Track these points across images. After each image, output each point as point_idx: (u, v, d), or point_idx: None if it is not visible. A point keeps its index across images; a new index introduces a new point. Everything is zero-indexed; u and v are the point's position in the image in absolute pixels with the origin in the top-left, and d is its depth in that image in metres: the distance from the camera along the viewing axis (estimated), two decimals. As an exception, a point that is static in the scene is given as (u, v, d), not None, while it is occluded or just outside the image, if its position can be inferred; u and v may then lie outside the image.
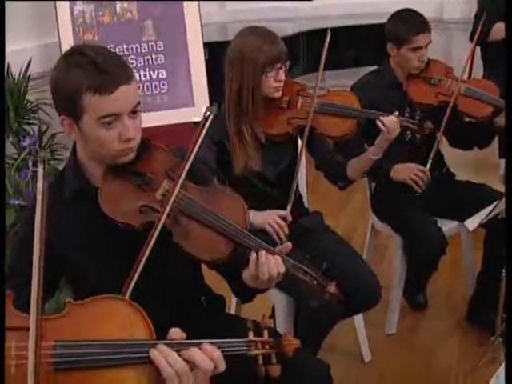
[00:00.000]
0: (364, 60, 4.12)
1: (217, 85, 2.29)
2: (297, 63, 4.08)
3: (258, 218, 2.05)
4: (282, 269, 1.44)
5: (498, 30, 3.35)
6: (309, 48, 4.23)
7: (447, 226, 2.54)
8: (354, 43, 4.31)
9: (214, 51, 3.41)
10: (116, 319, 1.20)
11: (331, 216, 2.61)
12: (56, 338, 1.13)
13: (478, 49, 3.69)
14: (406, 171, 2.43)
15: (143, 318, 1.20)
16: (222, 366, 1.18)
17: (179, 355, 1.16)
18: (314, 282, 1.49)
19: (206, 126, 1.46)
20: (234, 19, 4.83)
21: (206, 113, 1.47)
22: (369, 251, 2.89)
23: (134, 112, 1.41)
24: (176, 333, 1.21)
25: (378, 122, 2.11)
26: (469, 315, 2.71)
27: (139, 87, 3.09)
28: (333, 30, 4.29)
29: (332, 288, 1.50)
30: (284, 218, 2.07)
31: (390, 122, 2.11)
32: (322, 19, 4.63)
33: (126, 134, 1.39)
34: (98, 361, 1.13)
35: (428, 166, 2.42)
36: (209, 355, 1.16)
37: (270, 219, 2.05)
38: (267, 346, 1.24)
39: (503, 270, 2.22)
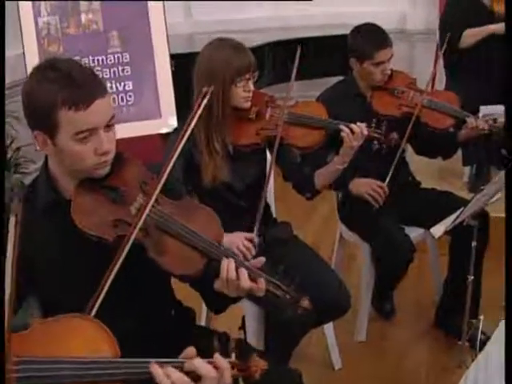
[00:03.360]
0: (331, 70, 4.17)
1: (184, 96, 2.29)
2: (264, 74, 4.10)
3: (225, 240, 2.04)
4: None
5: (469, 35, 3.43)
6: (276, 59, 4.27)
7: (414, 233, 2.58)
8: (320, 54, 4.36)
9: (181, 62, 3.41)
10: (80, 337, 1.20)
11: (299, 226, 2.63)
12: (20, 354, 1.12)
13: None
14: (364, 186, 2.46)
15: (107, 335, 1.20)
16: None
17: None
18: (287, 297, 1.49)
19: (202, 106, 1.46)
20: (200, 30, 4.85)
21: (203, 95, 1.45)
22: (337, 260, 2.92)
23: (108, 125, 1.40)
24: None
25: (342, 132, 2.14)
26: (436, 321, 2.75)
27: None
28: (300, 40, 4.42)
29: (305, 302, 1.50)
30: (251, 240, 2.08)
31: (354, 131, 2.14)
32: (289, 30, 4.68)
33: (102, 148, 1.38)
34: (61, 377, 1.13)
35: (388, 179, 2.46)
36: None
37: (238, 242, 2.05)
38: (234, 369, 1.23)
39: (468, 276, 2.27)
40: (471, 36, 3.42)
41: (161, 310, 1.62)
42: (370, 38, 2.48)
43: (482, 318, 1.87)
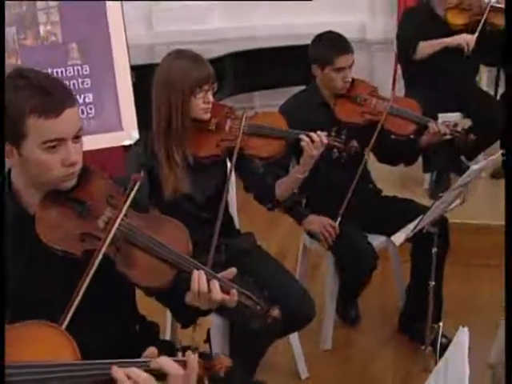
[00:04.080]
0: (292, 80, 4.20)
1: (145, 108, 2.28)
2: (224, 85, 4.11)
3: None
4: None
5: (425, 47, 3.49)
6: (236, 69, 4.28)
7: (376, 241, 2.61)
8: (282, 63, 4.39)
9: (142, 74, 3.39)
10: (42, 343, 1.21)
11: (263, 236, 2.64)
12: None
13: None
14: (318, 224, 2.50)
15: (70, 342, 1.21)
16: None
17: None
18: (258, 307, 1.49)
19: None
20: (161, 41, 4.83)
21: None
22: (301, 269, 2.93)
23: (77, 137, 1.39)
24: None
25: (301, 141, 2.15)
26: (400, 326, 2.79)
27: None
28: (261, 50, 4.45)
29: (275, 312, 1.51)
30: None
31: (314, 140, 2.15)
32: (249, 40, 4.70)
33: (70, 159, 1.37)
34: (23, 382, 1.13)
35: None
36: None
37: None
38: (199, 368, 1.24)
39: (430, 282, 2.30)
40: (426, 48, 3.48)
41: (126, 325, 1.61)
42: (331, 44, 2.52)
43: (441, 324, 1.90)
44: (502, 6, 3.64)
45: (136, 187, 1.41)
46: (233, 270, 1.50)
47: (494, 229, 3.31)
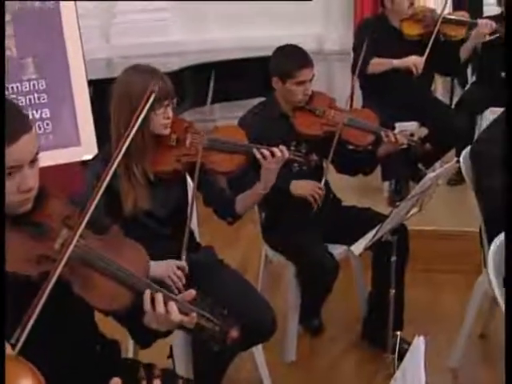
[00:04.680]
0: (253, 92, 4.23)
1: (104, 122, 2.26)
2: (184, 97, 4.11)
3: (156, 269, 2.03)
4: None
5: (375, 64, 3.56)
6: (196, 82, 4.28)
7: (337, 250, 2.63)
8: (242, 75, 4.41)
9: (100, 88, 3.36)
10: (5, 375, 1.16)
11: (225, 249, 2.64)
12: None
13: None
14: (306, 187, 2.52)
15: (31, 371, 1.16)
16: None
17: None
18: (217, 329, 1.49)
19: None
20: (119, 54, 4.80)
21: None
22: (264, 281, 2.93)
23: (33, 161, 1.37)
24: None
25: (257, 156, 2.15)
26: (363, 334, 2.81)
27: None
28: (221, 63, 4.47)
29: (234, 333, 1.50)
30: (182, 269, 2.07)
31: (274, 154, 2.15)
32: (209, 53, 4.72)
33: (26, 185, 1.34)
34: None
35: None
36: None
37: (170, 271, 2.05)
38: None
39: (390, 289, 2.33)
40: (376, 65, 3.55)
41: (86, 346, 1.59)
42: (293, 57, 2.55)
43: (398, 333, 1.93)
44: (455, 17, 3.76)
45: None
46: (191, 292, 1.49)
47: (452, 235, 3.39)
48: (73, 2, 3.27)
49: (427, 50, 3.52)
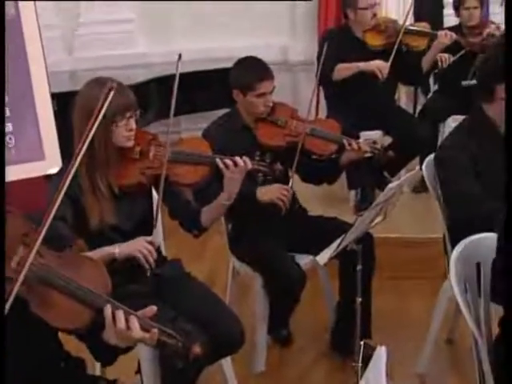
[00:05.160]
0: (218, 103, 4.22)
1: (68, 136, 2.24)
2: (150, 109, 4.09)
3: (126, 248, 2.04)
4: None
5: (341, 69, 3.60)
6: (162, 94, 4.26)
7: (304, 260, 2.64)
8: (207, 87, 4.41)
9: (63, 101, 3.33)
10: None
11: (192, 261, 2.63)
12: None
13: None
14: (273, 192, 2.50)
15: None
16: None
17: None
18: (180, 345, 1.48)
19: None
20: (83, 67, 4.75)
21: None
22: (232, 293, 2.92)
23: None
24: None
25: (220, 165, 2.15)
26: (332, 344, 2.82)
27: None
28: (186, 74, 4.45)
29: (197, 349, 1.49)
30: (151, 243, 2.06)
31: (237, 165, 2.16)
32: (174, 64, 4.69)
33: None
34: None
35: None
36: None
37: (140, 246, 2.04)
38: None
39: (357, 298, 2.34)
40: (342, 70, 3.59)
41: (50, 363, 1.57)
42: (253, 70, 2.56)
43: (361, 343, 1.94)
44: (416, 28, 3.83)
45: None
46: (153, 309, 1.48)
47: (418, 242, 3.43)
48: (34, 14, 3.23)
49: (390, 60, 3.58)
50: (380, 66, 3.57)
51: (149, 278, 2.17)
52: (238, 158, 2.16)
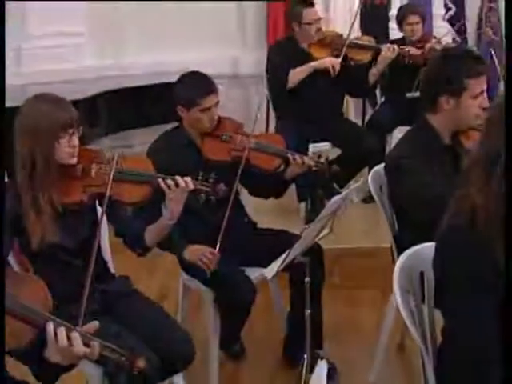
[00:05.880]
0: (171, 117, 4.20)
1: (13, 154, 2.20)
2: (100, 124, 4.05)
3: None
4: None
5: (296, 73, 3.64)
6: (111, 108, 4.23)
7: (255, 273, 2.63)
8: (159, 100, 4.39)
9: (10, 117, 3.26)
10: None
11: (143, 277, 2.60)
12: None
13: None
14: (197, 253, 2.47)
15: None
16: None
17: None
18: (123, 359, 1.47)
19: None
20: (32, 81, 4.67)
21: None
22: (183, 308, 2.90)
23: None
24: None
25: (162, 186, 2.14)
26: (284, 355, 2.83)
27: None
28: (137, 88, 4.43)
29: (140, 363, 1.48)
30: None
31: (179, 185, 2.14)
32: (125, 78, 4.68)
33: None
34: None
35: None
36: None
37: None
38: None
39: (306, 310, 2.36)
40: (297, 74, 3.65)
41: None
42: (196, 85, 2.55)
43: (305, 356, 1.95)
44: (361, 42, 3.91)
45: None
46: (95, 324, 1.47)
47: (368, 252, 3.48)
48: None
49: (339, 60, 3.66)
50: (333, 62, 3.66)
51: (96, 296, 2.14)
52: (179, 179, 2.14)
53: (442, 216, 1.52)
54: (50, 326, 1.41)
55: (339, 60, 3.67)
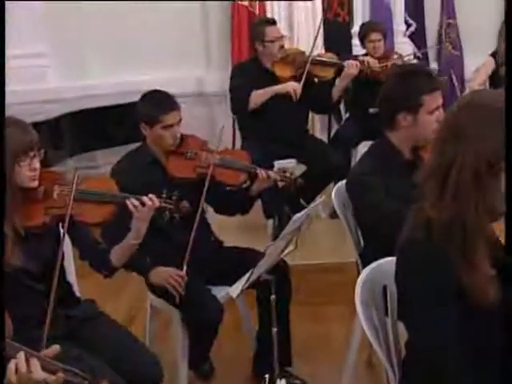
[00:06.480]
0: (135, 137, 4.19)
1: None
2: (64, 146, 4.02)
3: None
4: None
5: (257, 95, 3.68)
6: (76, 129, 4.20)
7: (222, 292, 2.62)
8: (123, 121, 4.37)
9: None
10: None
11: (110, 299, 2.57)
12: None
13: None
14: (164, 275, 2.46)
15: None
16: None
17: None
18: (86, 382, 1.45)
19: None
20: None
21: None
22: (151, 329, 2.87)
23: None
24: None
25: (128, 205, 2.14)
26: (254, 373, 2.81)
27: None
28: (101, 108, 4.41)
29: None
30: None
31: (144, 204, 2.14)
32: (89, 99, 4.66)
33: None
34: None
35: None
36: None
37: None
38: None
39: (273, 328, 2.35)
40: (258, 96, 3.68)
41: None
42: (157, 102, 2.56)
43: (267, 376, 1.95)
44: (324, 58, 3.96)
45: None
46: (56, 348, 1.45)
47: (335, 267, 3.49)
48: None
49: (301, 84, 3.69)
50: (294, 87, 3.69)
51: (60, 321, 2.11)
52: (144, 198, 2.15)
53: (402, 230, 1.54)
54: (9, 352, 1.38)
55: (300, 84, 3.71)
